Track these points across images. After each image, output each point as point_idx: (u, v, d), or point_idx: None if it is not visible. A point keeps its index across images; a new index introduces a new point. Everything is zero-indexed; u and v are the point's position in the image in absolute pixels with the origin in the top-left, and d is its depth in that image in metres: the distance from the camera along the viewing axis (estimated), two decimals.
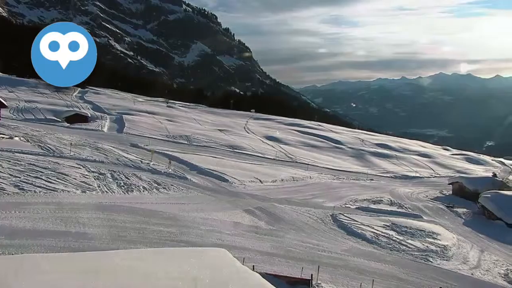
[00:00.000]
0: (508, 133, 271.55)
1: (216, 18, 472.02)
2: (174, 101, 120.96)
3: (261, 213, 30.03)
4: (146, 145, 49.17)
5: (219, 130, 78.04)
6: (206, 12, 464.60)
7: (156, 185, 31.86)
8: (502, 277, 24.80)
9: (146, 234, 20.76)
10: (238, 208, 30.31)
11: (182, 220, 24.26)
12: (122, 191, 28.74)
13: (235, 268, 5.04)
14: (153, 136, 58.87)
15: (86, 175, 30.07)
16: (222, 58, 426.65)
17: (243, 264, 5.57)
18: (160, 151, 46.27)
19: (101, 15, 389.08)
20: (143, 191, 30.04)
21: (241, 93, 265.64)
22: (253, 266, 16.14)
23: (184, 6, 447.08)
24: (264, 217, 29.35)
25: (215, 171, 40.92)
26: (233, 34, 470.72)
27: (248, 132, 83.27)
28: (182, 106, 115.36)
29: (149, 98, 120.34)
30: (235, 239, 22.81)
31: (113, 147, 44.14)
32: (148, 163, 38.55)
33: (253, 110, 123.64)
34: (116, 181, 30.41)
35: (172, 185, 32.87)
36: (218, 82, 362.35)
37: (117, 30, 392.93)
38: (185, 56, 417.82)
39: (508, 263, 27.45)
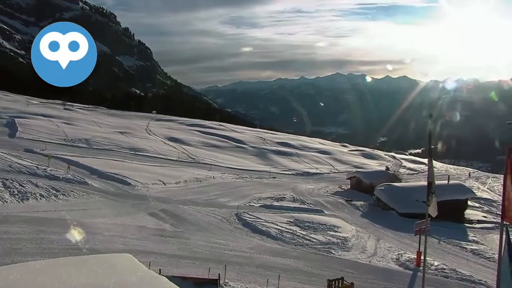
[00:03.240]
0: (397, 129, 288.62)
1: (115, 17, 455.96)
2: (72, 103, 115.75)
3: (166, 216, 29.77)
4: (42, 150, 46.75)
5: (119, 132, 75.88)
6: (104, 11, 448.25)
7: (55, 191, 30.48)
8: (394, 261, 26.50)
9: (44, 244, 19.79)
10: (142, 212, 29.84)
11: (83, 227, 23.38)
12: (16, 200, 27.21)
13: (141, 273, 4.99)
14: (50, 140, 55.97)
15: None
16: (122, 58, 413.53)
17: (149, 268, 5.53)
18: (58, 155, 44.23)
19: None
20: (40, 198, 28.65)
21: (142, 94, 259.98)
22: (160, 269, 15.95)
23: (81, 4, 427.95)
24: (169, 219, 29.13)
25: (117, 174, 39.94)
26: (133, 34, 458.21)
27: (149, 134, 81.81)
28: (80, 109, 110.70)
29: (44, 101, 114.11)
30: (140, 243, 22.42)
31: (5, 153, 41.38)
32: (44, 169, 36.72)
33: (155, 112, 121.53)
34: (9, 189, 28.69)
35: (71, 191, 31.64)
36: (118, 83, 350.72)
37: (5, 27, 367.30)
38: None
39: (399, 248, 29.32)
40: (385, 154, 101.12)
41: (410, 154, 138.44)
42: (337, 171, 69.78)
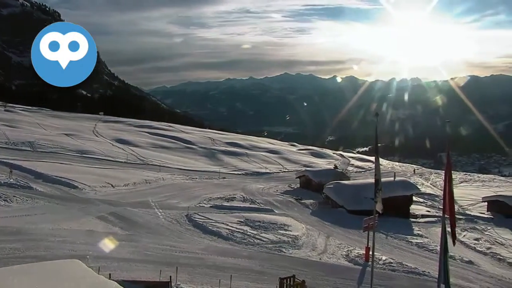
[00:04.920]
0: (345, 128, 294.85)
1: (59, 15, 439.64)
2: (14, 105, 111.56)
3: (115, 219, 29.27)
4: None
5: (65, 134, 73.83)
6: (47, 9, 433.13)
7: None
8: (344, 258, 27.12)
9: None
10: (90, 215, 29.21)
11: (28, 234, 22.68)
12: None
13: (90, 279, 4.88)
14: None
15: None
16: None
17: (98, 274, 5.46)
18: None
19: None
20: None
21: (89, 95, 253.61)
22: (110, 274, 15.67)
23: (21, 0, 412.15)
24: (118, 222, 28.65)
25: (63, 178, 38.90)
26: None
27: (97, 136, 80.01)
28: (23, 110, 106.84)
29: None
30: (89, 248, 21.95)
31: None
32: None
33: (102, 113, 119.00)
34: None
35: (14, 196, 30.59)
36: None
37: None
38: (25, 56, 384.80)
39: (348, 245, 29.96)
40: (333, 153, 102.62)
41: (358, 152, 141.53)
42: (286, 170, 70.31)
